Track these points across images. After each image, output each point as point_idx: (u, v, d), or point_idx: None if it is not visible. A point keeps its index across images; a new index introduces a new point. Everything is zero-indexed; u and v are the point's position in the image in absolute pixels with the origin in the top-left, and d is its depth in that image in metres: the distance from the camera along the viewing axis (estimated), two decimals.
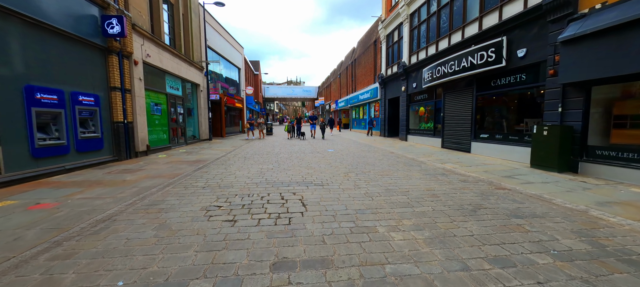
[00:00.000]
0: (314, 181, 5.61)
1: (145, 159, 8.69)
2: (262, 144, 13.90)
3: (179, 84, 13.07)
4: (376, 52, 21.34)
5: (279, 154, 9.85)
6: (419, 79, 14.09)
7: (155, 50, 10.38)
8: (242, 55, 25.21)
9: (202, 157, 9.13)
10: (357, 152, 10.50)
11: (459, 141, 11.04)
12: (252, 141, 15.19)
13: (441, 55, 11.91)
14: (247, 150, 11.36)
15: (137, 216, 3.60)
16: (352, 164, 7.87)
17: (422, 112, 14.29)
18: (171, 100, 12.12)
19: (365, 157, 9.37)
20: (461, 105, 10.90)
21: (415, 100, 15.03)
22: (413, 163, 8.04)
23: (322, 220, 3.43)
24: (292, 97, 56.14)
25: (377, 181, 5.71)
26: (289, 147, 12.08)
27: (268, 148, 12.01)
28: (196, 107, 15.54)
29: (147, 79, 10.00)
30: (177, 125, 12.56)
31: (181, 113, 13.13)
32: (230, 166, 7.45)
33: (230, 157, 9.20)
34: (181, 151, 11.19)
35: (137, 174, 6.39)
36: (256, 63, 36.91)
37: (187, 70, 13.66)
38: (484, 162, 8.06)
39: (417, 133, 14.76)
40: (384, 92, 19.35)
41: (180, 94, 13.18)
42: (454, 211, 3.78)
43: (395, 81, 17.43)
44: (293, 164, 7.76)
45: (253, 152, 10.48)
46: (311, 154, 9.77)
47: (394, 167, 7.41)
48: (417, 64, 14.23)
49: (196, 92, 15.50)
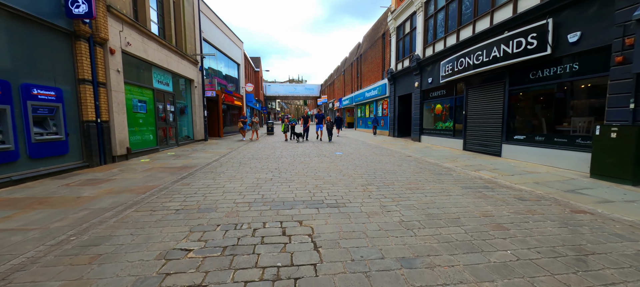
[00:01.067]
0: (326, 199, 4.26)
1: (123, 165, 7.38)
2: (260, 146, 12.57)
3: (169, 78, 11.75)
4: (384, 46, 19.92)
5: (280, 159, 8.51)
6: (436, 74, 12.68)
7: (139, 39, 9.06)
8: (241, 50, 23.87)
9: (190, 163, 7.80)
10: (369, 156, 9.14)
11: (485, 143, 9.64)
12: (250, 143, 13.83)
13: (463, 46, 10.50)
14: (244, 153, 10.02)
15: (50, 273, 2.27)
16: (368, 171, 6.51)
17: (439, 110, 12.89)
18: (159, 96, 10.80)
19: (380, 161, 8.01)
20: (489, 102, 9.50)
21: (430, 97, 13.62)
22: (441, 171, 6.67)
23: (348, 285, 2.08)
24: (294, 95, 54.80)
25: (408, 198, 4.35)
26: (291, 150, 10.74)
27: (267, 151, 10.68)
28: (190, 104, 14.22)
29: (128, 71, 8.68)
30: (166, 125, 11.25)
31: (172, 111, 11.81)
32: (220, 175, 6.12)
33: (223, 163, 7.87)
34: (169, 154, 9.88)
35: (101, 187, 5.07)
36: (257, 60, 35.57)
37: (179, 63, 12.33)
38: (527, 170, 6.67)
39: (432, 133, 13.35)
40: (394, 89, 17.94)
41: (171, 90, 11.87)
42: (552, 262, 2.42)
43: (406, 77, 16.02)
44: (297, 172, 6.41)
45: (250, 156, 9.14)
46: (317, 158, 8.42)
47: (419, 175, 6.05)
48: (433, 57, 12.82)
49: (190, 88, 14.18)
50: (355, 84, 28.41)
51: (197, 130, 14.43)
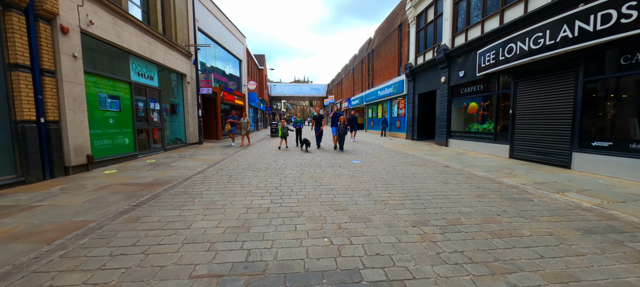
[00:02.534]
0: (365, 263, 2.33)
1: (74, 180, 5.55)
2: (261, 152, 10.68)
3: (154, 71, 9.96)
4: (401, 38, 17.89)
5: (283, 170, 6.59)
6: (470, 65, 10.62)
7: (109, 19, 7.27)
8: (243, 45, 22.10)
9: (165, 176, 5.94)
10: (396, 166, 7.14)
11: (544, 150, 7.56)
12: (248, 148, 11.89)
13: (511, 29, 8.45)
14: (239, 161, 8.14)
15: None
16: (407, 193, 4.54)
17: (474, 108, 10.80)
18: (140, 92, 9.01)
19: (415, 175, 6.02)
20: (550, 98, 7.43)
21: (461, 93, 11.54)
22: (510, 193, 4.65)
23: None
24: (300, 95, 52.98)
25: (515, 262, 2.36)
26: (297, 158, 8.83)
27: (268, 158, 8.78)
28: (182, 103, 12.44)
29: (92, 58, 6.90)
30: (149, 126, 9.44)
31: (156, 110, 10.02)
32: (195, 200, 4.23)
33: (208, 176, 6.00)
34: (148, 161, 8.06)
35: (1, 223, 3.21)
36: (261, 57, 33.86)
37: (167, 54, 10.55)
38: (635, 193, 4.60)
39: (464, 136, 11.27)
40: (413, 86, 15.89)
41: (156, 84, 10.07)
42: None
43: (429, 71, 13.96)
44: (307, 195, 4.48)
45: (245, 166, 7.26)
46: (331, 170, 6.48)
47: (488, 203, 4.04)
48: (465, 46, 10.77)
49: (182, 84, 12.40)
50: (366, 83, 26.39)
51: (190, 132, 12.63)
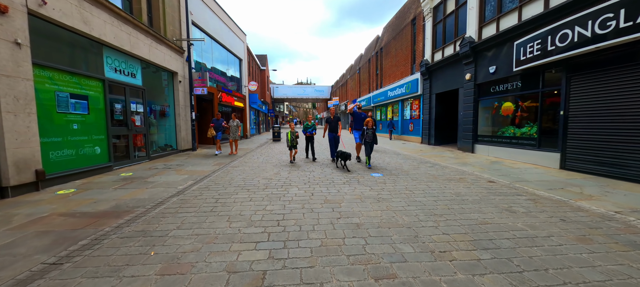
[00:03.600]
0: None
1: (4, 207, 4.13)
2: (261, 161, 9.24)
3: (137, 67, 8.58)
4: (415, 33, 16.40)
5: (288, 190, 5.13)
6: (504, 59, 9.10)
7: (71, 0, 5.89)
8: (244, 43, 20.77)
9: (131, 201, 4.50)
10: (430, 183, 5.61)
11: (617, 161, 5.99)
12: (247, 156, 10.38)
13: (561, 13, 6.93)
14: (233, 175, 6.70)
15: None
16: (472, 235, 3.04)
17: (509, 109, 9.25)
18: (117, 91, 7.64)
19: (462, 198, 4.51)
20: (622, 95, 5.88)
21: (491, 92, 9.99)
22: (630, 237, 3.12)
23: None
24: (303, 97, 51.69)
25: None
26: (304, 170, 7.36)
27: (269, 170, 7.33)
28: (173, 104, 11.06)
29: (46, 48, 5.52)
30: (129, 131, 8.04)
31: (139, 112, 8.63)
32: (151, 252, 2.76)
33: (188, 198, 4.55)
34: (123, 175, 6.64)
35: None
36: (263, 57, 32.56)
37: (153, 48, 9.17)
38: None
39: (496, 142, 9.71)
40: (429, 85, 14.36)
41: (140, 83, 8.69)
42: None
43: (449, 68, 12.45)
44: (324, 241, 3.01)
45: (239, 183, 5.81)
46: (348, 188, 5.00)
47: (617, 261, 2.51)
48: (497, 37, 9.25)
49: (173, 83, 11.03)
50: (374, 83, 24.89)
51: (182, 137, 11.23)
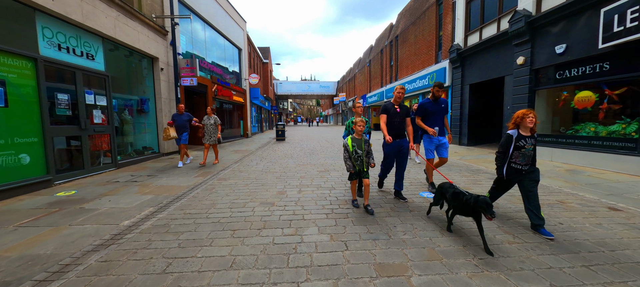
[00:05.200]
0: None
1: None
2: (261, 170, 7.16)
3: (97, 47, 6.52)
4: (441, 15, 14.10)
5: (301, 239, 3.01)
6: (579, 35, 6.86)
7: None
8: (244, 31, 18.64)
9: (6, 265, 2.42)
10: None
11: None
12: (241, 163, 8.04)
13: None
14: (217, 195, 4.65)
15: None
16: None
17: (587, 100, 6.99)
18: (64, 76, 5.59)
19: (608, 247, 2.32)
20: None
21: (558, 78, 7.73)
22: None
23: None
24: (308, 94, 49.57)
25: None
26: (320, 189, 5.25)
27: (271, 188, 5.24)
28: (153, 97, 9.02)
29: None
30: (83, 131, 6.00)
31: (100, 106, 6.58)
32: None
33: (111, 263, 2.47)
34: (61, 194, 4.60)
35: None
36: (265, 50, 30.42)
37: (120, 23, 7.11)
38: None
39: (563, 143, 7.49)
40: (461, 74, 12.11)
41: (100, 67, 6.64)
42: None
43: (490, 52, 10.18)
44: None
45: (219, 216, 3.75)
46: (398, 227, 2.92)
47: None
48: (570, 5, 7.00)
49: (153, 71, 8.98)
50: (387, 76, 22.63)
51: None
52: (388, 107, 4.06)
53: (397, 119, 4.02)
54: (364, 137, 3.67)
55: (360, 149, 3.57)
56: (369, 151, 3.64)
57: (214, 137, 7.48)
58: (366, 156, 3.60)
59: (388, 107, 4.06)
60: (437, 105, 4.45)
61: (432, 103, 4.46)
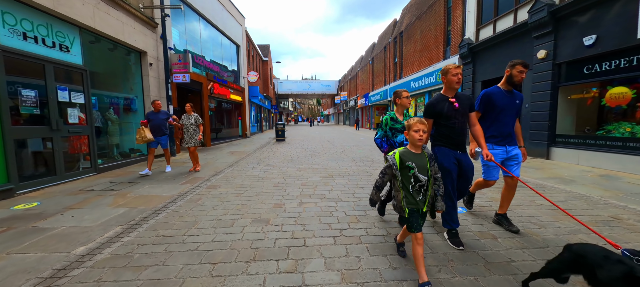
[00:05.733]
0: None
1: None
2: (257, 175, 6.49)
3: (72, 37, 5.83)
4: (450, 8, 13.36)
5: (303, 277, 2.29)
6: (613, 24, 6.13)
7: None
8: (242, 27, 17.93)
9: None
10: (577, 235, 2.75)
11: None
12: (230, 169, 7.20)
13: None
14: (201, 210, 3.98)
15: None
16: None
17: (621, 97, 6.26)
18: (27, 70, 4.90)
19: None
20: None
21: (586, 73, 6.98)
22: None
23: None
24: (309, 93, 48.89)
25: None
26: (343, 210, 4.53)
27: (267, 199, 4.55)
28: (141, 95, 8.32)
29: None
30: (54, 132, 5.30)
31: (78, 104, 5.89)
32: None
33: None
34: (17, 208, 3.91)
35: None
36: (265, 47, 29.71)
37: (100, 12, 6.41)
38: None
39: (591, 145, 6.75)
40: (473, 70, 11.39)
41: (77, 60, 5.95)
42: None
43: (505, 46, 9.44)
44: None
45: (200, 242, 3.07)
46: None
47: None
48: None
49: (141, 66, 8.28)
50: (391, 74, 21.89)
51: None
52: (439, 104, 2.56)
53: (458, 120, 2.55)
54: (426, 150, 2.14)
55: (423, 173, 2.01)
56: (437, 176, 2.13)
57: (195, 138, 6.42)
58: (434, 185, 2.11)
59: (439, 104, 2.56)
60: (510, 97, 2.79)
61: (505, 94, 2.79)
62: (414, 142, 2.03)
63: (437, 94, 2.69)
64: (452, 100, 2.55)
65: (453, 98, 2.57)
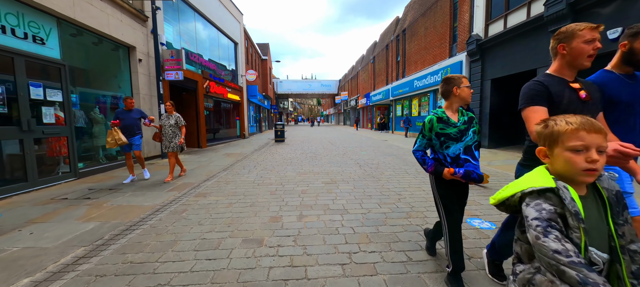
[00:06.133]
0: None
1: None
2: (252, 181, 5.96)
3: (50, 29, 5.29)
4: (456, 3, 12.82)
5: None
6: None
7: None
8: (240, 24, 17.40)
9: None
10: None
11: None
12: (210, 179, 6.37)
13: None
14: (184, 224, 3.44)
15: None
16: None
17: None
18: None
19: None
20: None
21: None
22: None
23: None
24: (309, 92, 48.36)
25: None
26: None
27: (262, 212, 4.04)
28: (131, 93, 7.77)
29: None
30: (26, 134, 4.76)
31: (57, 102, 5.35)
32: None
33: None
34: None
35: None
36: (264, 46, 29.18)
37: (83, 4, 5.87)
38: None
39: None
40: (482, 68, 10.85)
41: (54, 54, 5.41)
42: None
43: (518, 41, 8.89)
44: None
45: (175, 269, 2.49)
46: None
47: None
48: None
49: (130, 62, 7.74)
50: (393, 73, 21.36)
51: (144, 140, 7.94)
52: (554, 87, 1.51)
53: None
54: (612, 181, 0.99)
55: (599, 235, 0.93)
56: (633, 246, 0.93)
57: (175, 142, 5.52)
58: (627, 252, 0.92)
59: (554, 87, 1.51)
60: (634, 84, 1.67)
61: (626, 81, 1.68)
62: (574, 174, 0.93)
63: (544, 74, 1.59)
64: (575, 86, 1.51)
65: (575, 82, 1.54)
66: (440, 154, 1.95)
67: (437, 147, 1.96)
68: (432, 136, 1.95)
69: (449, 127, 1.90)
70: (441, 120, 1.91)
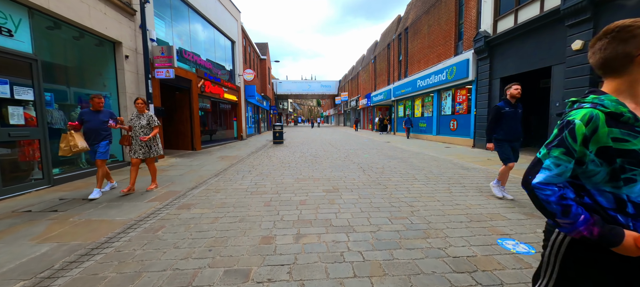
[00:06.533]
0: None
1: None
2: (245, 188, 5.42)
3: (20, 19, 4.75)
4: (462, 0, 12.31)
5: None
6: None
7: None
8: (237, 22, 16.86)
9: None
10: None
11: None
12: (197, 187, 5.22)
13: None
14: (156, 248, 2.83)
15: None
16: None
17: None
18: None
19: None
20: None
21: None
22: None
23: None
24: (309, 93, 47.80)
25: None
26: None
27: (253, 229, 3.49)
28: (116, 92, 7.23)
29: None
30: None
31: (29, 101, 4.81)
32: None
33: None
34: None
35: None
36: (263, 45, 28.63)
37: None
38: None
39: None
40: (489, 66, 10.33)
41: (25, 48, 4.86)
42: None
43: (529, 38, 8.36)
44: None
45: None
46: None
47: None
48: None
49: (115, 58, 7.19)
50: (395, 72, 20.84)
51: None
52: None
53: None
54: None
55: None
56: None
57: (143, 149, 4.69)
58: None
59: None
60: None
61: None
62: None
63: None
64: None
65: None
66: (605, 198, 0.93)
67: (600, 180, 0.93)
68: (589, 155, 0.91)
69: (635, 134, 0.88)
70: (615, 119, 0.89)
